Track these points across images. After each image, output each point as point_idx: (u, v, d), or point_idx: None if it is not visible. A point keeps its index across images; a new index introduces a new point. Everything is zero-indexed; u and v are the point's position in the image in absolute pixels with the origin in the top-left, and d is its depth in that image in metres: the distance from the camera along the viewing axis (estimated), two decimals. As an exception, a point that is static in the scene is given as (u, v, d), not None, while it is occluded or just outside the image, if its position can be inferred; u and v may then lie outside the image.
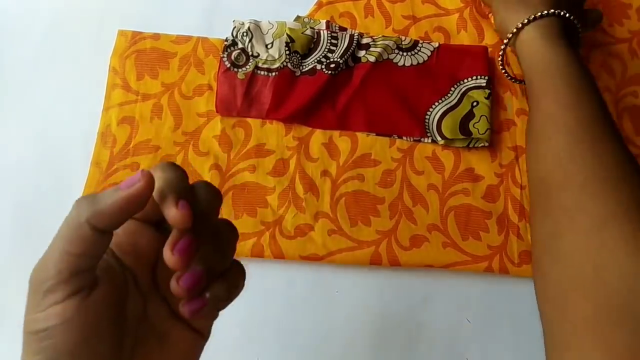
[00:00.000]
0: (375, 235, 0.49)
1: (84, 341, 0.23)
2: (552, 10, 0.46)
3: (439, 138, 0.52)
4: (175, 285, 0.24)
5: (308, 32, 0.54)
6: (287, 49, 0.54)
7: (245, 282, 0.28)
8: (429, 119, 0.53)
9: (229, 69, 0.53)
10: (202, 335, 0.29)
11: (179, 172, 0.25)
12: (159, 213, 0.25)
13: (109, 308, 0.25)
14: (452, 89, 0.54)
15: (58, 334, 0.23)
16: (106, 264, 0.26)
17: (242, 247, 0.48)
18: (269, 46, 0.54)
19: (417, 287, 0.48)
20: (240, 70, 0.53)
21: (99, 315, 0.24)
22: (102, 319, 0.24)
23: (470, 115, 0.52)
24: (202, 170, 0.50)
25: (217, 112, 0.52)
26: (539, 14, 0.46)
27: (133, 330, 0.26)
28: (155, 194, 0.24)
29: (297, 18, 0.56)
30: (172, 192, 0.24)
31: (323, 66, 0.54)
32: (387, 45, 0.54)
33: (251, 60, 0.54)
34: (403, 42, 0.55)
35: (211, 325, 0.29)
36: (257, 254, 0.48)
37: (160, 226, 0.28)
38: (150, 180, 0.24)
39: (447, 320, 0.47)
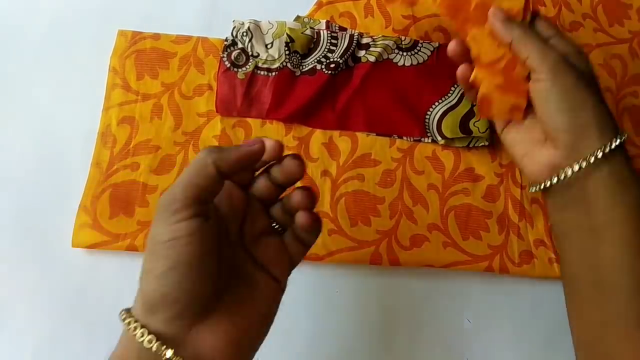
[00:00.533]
0: (376, 235, 0.49)
1: (200, 256, 0.28)
2: (621, 134, 0.37)
3: (439, 138, 0.52)
4: (305, 216, 0.33)
5: (308, 32, 0.54)
6: (287, 48, 0.54)
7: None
8: (429, 119, 0.53)
9: (228, 68, 0.53)
10: (281, 285, 0.34)
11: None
12: (249, 178, 0.33)
13: (215, 240, 0.30)
14: (453, 88, 0.54)
15: (181, 245, 0.28)
16: (213, 207, 0.31)
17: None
18: (268, 46, 0.54)
19: (417, 287, 0.48)
20: (240, 70, 0.53)
21: (212, 240, 0.29)
22: (213, 246, 0.29)
23: (470, 114, 0.52)
24: (202, 170, 0.50)
25: (217, 112, 0.52)
26: (619, 139, 0.37)
27: (226, 272, 0.31)
28: (267, 154, 0.32)
29: (297, 18, 0.56)
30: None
31: (323, 66, 0.53)
32: (387, 45, 0.54)
33: (251, 60, 0.54)
34: (403, 42, 0.55)
35: (287, 277, 0.35)
36: (257, 254, 0.48)
37: (246, 189, 0.34)
38: (264, 144, 0.31)
39: (447, 320, 0.47)
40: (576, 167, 0.36)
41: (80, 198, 0.49)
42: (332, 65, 0.53)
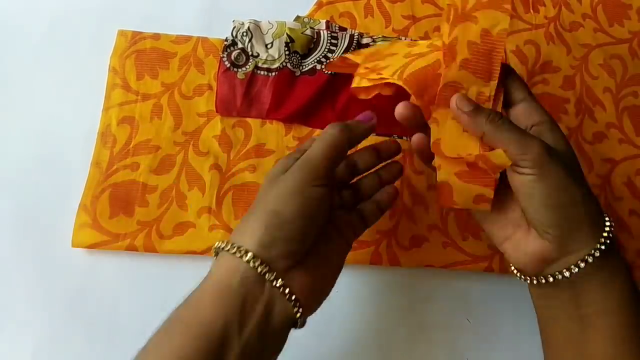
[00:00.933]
0: (375, 235, 0.49)
1: (321, 214, 0.35)
2: (609, 222, 0.35)
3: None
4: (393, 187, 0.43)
5: (308, 32, 0.54)
6: (286, 49, 0.54)
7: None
8: (429, 119, 0.53)
9: (228, 68, 0.53)
10: (349, 246, 0.40)
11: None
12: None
13: (330, 204, 0.36)
14: (452, 89, 0.54)
15: (312, 204, 0.34)
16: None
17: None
18: (268, 46, 0.54)
19: (417, 287, 0.48)
20: (240, 70, 0.53)
21: (330, 204, 0.36)
22: (329, 208, 0.36)
23: (470, 115, 0.52)
24: (202, 170, 0.50)
25: (217, 112, 0.52)
26: (608, 234, 0.34)
27: (322, 228, 0.37)
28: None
29: (297, 18, 0.56)
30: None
31: (323, 66, 0.53)
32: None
33: (251, 60, 0.54)
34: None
35: (354, 240, 0.40)
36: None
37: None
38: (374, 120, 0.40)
39: (447, 320, 0.47)
40: (575, 270, 0.34)
41: (80, 198, 0.49)
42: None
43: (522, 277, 0.37)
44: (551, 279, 0.35)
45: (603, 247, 0.34)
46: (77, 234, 0.47)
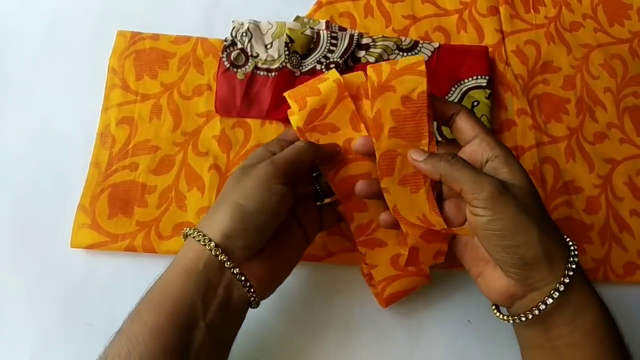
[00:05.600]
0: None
1: (283, 210, 0.37)
2: (573, 254, 0.36)
3: (439, 138, 0.52)
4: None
5: (307, 32, 0.54)
6: (286, 49, 0.53)
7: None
8: (429, 119, 0.53)
9: (228, 69, 0.53)
10: (310, 240, 0.42)
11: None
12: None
13: (292, 200, 0.38)
14: (453, 89, 0.54)
15: (274, 200, 0.37)
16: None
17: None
18: (268, 46, 0.54)
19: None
20: (239, 70, 0.53)
21: (292, 201, 0.38)
22: (290, 204, 0.38)
23: (470, 115, 0.52)
24: (202, 171, 0.50)
25: (216, 112, 0.52)
26: (569, 270, 0.35)
27: (282, 224, 0.38)
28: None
29: (297, 18, 0.56)
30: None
31: (323, 66, 0.53)
32: (387, 46, 0.54)
33: (250, 61, 0.54)
34: (403, 43, 0.55)
35: (315, 235, 0.43)
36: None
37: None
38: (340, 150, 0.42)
39: (447, 320, 0.47)
40: (542, 307, 0.34)
41: (79, 198, 0.49)
42: (332, 66, 0.53)
43: (499, 315, 0.38)
44: (523, 319, 0.35)
45: (562, 287, 0.34)
46: (76, 235, 0.47)
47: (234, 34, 0.54)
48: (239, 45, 0.54)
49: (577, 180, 0.53)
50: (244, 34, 0.54)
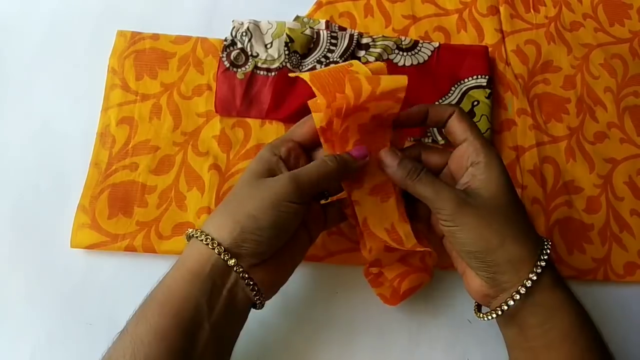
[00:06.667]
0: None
1: (293, 227, 0.38)
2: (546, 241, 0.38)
3: (439, 138, 0.52)
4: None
5: (307, 32, 0.54)
6: (286, 48, 0.53)
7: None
8: (429, 119, 0.53)
9: (228, 68, 0.53)
10: (313, 240, 0.42)
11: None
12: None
13: (302, 215, 0.38)
14: (453, 88, 0.54)
15: (286, 218, 0.36)
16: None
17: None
18: (268, 46, 0.54)
19: (417, 287, 0.48)
20: (239, 70, 0.53)
21: (302, 216, 0.38)
22: (299, 220, 0.38)
23: (470, 115, 0.52)
24: (202, 170, 0.50)
25: (216, 112, 0.52)
26: (547, 247, 0.37)
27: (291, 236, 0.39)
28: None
29: (297, 18, 0.56)
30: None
31: (323, 66, 0.53)
32: (387, 45, 0.54)
33: (250, 60, 0.54)
34: (403, 42, 0.55)
35: (318, 234, 0.42)
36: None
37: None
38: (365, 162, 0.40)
39: (447, 321, 0.47)
40: (505, 307, 0.36)
41: (79, 198, 0.49)
42: (332, 65, 0.53)
43: (477, 314, 0.41)
44: (489, 317, 0.38)
45: (523, 289, 0.35)
46: (76, 235, 0.47)
47: (233, 34, 0.54)
48: (239, 45, 0.54)
49: (578, 180, 0.52)
50: (244, 34, 0.54)
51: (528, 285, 0.35)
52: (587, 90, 0.56)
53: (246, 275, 0.36)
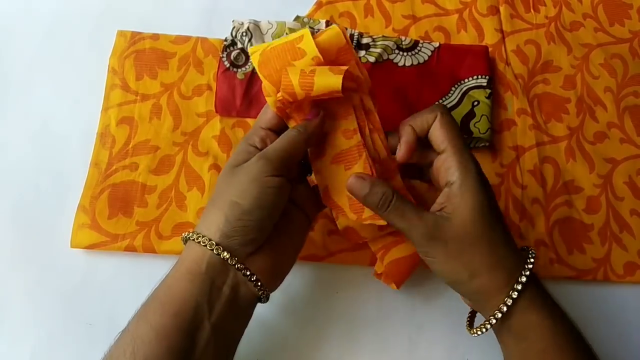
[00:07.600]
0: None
1: (280, 204, 0.37)
2: (532, 251, 0.38)
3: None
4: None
5: (307, 32, 0.54)
6: (286, 48, 0.53)
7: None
8: (429, 119, 0.53)
9: (228, 68, 0.53)
10: (310, 221, 0.41)
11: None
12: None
13: (289, 191, 0.38)
14: (453, 88, 0.54)
15: (270, 193, 0.36)
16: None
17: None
18: (268, 46, 0.54)
19: (417, 287, 0.48)
20: (239, 70, 0.53)
21: (288, 192, 0.37)
22: (287, 196, 0.38)
23: (471, 115, 0.52)
24: (202, 170, 0.50)
25: (216, 112, 0.52)
26: (527, 266, 0.37)
27: (280, 216, 0.38)
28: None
29: (297, 18, 0.56)
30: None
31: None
32: (387, 45, 0.54)
33: (250, 60, 0.54)
34: (403, 42, 0.55)
35: (316, 214, 0.42)
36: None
37: None
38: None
39: (447, 321, 0.47)
40: (483, 330, 0.37)
41: (79, 198, 0.49)
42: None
43: (467, 327, 0.42)
44: (479, 333, 0.38)
45: (499, 314, 0.36)
46: (76, 235, 0.47)
47: (234, 34, 0.54)
48: (239, 45, 0.54)
49: (578, 180, 0.52)
50: (244, 34, 0.54)
51: (503, 312, 0.36)
52: (587, 90, 0.56)
53: (242, 266, 0.35)
